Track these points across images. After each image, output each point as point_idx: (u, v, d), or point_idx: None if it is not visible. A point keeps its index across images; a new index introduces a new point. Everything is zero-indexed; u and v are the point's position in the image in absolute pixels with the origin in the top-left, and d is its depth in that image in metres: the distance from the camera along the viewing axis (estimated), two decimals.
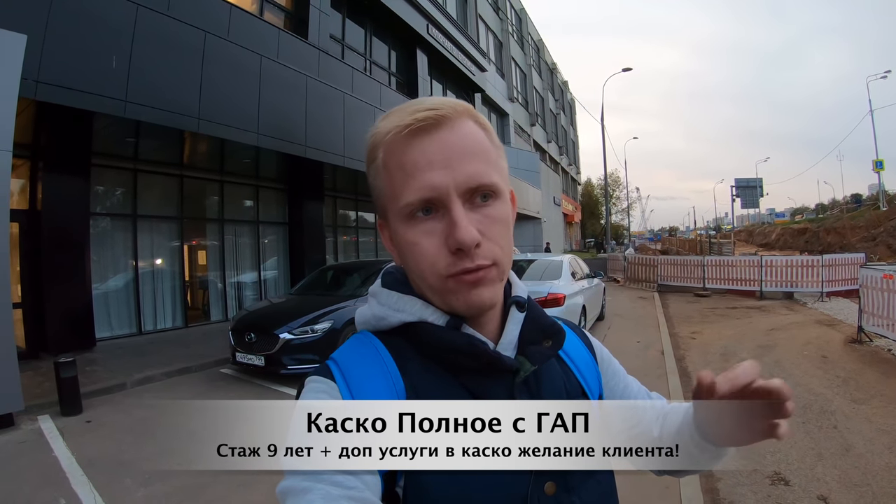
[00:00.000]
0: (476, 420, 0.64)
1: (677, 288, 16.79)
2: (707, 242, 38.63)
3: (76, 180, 8.13)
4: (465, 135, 0.70)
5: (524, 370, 0.73)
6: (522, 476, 0.67)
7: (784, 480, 3.73)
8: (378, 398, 0.67)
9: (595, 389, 0.87)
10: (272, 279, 13.01)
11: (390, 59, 16.98)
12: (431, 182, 0.67)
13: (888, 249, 23.94)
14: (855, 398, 5.57)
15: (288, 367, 6.57)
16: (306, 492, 0.57)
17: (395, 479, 0.65)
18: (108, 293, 9.10)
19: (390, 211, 0.73)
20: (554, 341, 0.78)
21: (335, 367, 0.72)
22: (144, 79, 7.38)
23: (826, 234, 35.37)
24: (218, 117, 8.53)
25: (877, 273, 8.18)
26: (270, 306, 7.96)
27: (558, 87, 45.47)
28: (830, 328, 9.68)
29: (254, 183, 12.41)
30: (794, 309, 12.62)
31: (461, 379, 0.71)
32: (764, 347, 8.21)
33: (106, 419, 5.37)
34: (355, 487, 0.59)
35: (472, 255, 0.67)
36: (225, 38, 8.84)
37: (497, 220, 0.71)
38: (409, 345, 0.74)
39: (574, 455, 0.67)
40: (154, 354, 7.81)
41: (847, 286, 13.31)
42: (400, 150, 0.70)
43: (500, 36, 28.25)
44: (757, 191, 45.77)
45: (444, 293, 0.71)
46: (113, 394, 6.21)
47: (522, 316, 0.79)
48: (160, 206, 10.23)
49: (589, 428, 0.69)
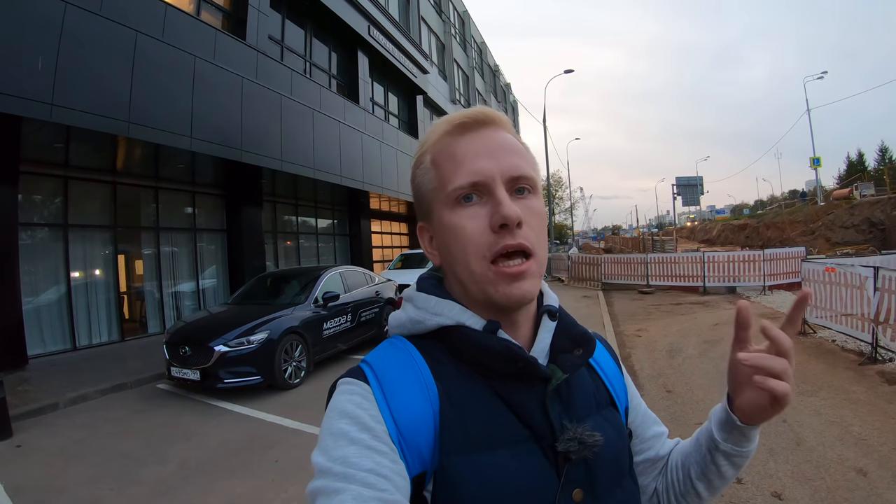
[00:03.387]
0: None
1: (621, 286, 17.13)
2: (650, 240, 39.67)
3: (2, 188, 7.77)
4: (507, 137, 0.77)
5: (556, 378, 0.74)
6: (551, 482, 0.69)
7: (737, 479, 3.65)
8: (412, 404, 0.68)
9: (623, 400, 0.90)
10: (211, 288, 12.77)
11: (330, 61, 16.81)
12: (480, 167, 0.72)
13: (826, 242, 24.86)
14: (802, 390, 5.66)
15: (224, 380, 6.44)
16: (338, 492, 0.58)
17: (424, 482, 0.67)
18: (40, 307, 8.81)
19: (437, 202, 0.77)
20: (585, 350, 0.80)
21: (369, 370, 0.72)
22: (72, 81, 7.17)
23: (766, 229, 36.25)
24: (149, 121, 8.34)
25: (819, 266, 8.51)
26: (206, 317, 7.78)
27: (501, 89, 45.67)
28: (774, 321, 9.87)
29: (190, 189, 12.13)
30: (738, 303, 12.98)
31: (494, 385, 0.72)
32: (709, 342, 8.33)
33: (37, 443, 5.20)
34: (386, 490, 0.59)
35: (514, 232, 0.70)
36: (159, 38, 8.62)
37: (535, 212, 0.74)
38: (443, 349, 0.76)
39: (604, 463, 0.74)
40: (89, 371, 7.61)
41: (788, 279, 13.79)
42: (450, 144, 0.76)
43: (442, 38, 28.18)
44: (697, 189, 47.48)
45: (484, 282, 0.72)
46: (45, 414, 6.02)
47: (554, 324, 0.80)
48: (93, 215, 9.94)
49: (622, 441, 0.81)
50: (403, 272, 13.75)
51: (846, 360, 6.78)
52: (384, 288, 10.19)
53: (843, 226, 26.68)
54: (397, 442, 0.65)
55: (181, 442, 5.15)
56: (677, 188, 46.99)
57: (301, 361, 7.26)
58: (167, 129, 8.68)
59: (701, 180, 48.38)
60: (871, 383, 5.79)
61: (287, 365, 6.99)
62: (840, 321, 7.66)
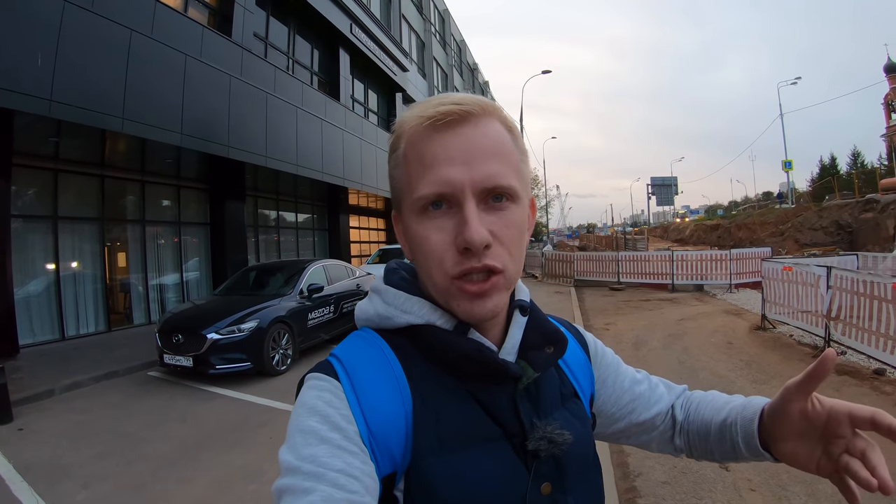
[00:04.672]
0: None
1: (593, 283, 17.40)
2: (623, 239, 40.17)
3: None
4: (489, 134, 0.69)
5: (527, 377, 0.73)
6: (521, 477, 0.69)
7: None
8: (384, 404, 0.67)
9: (587, 390, 0.89)
10: (194, 280, 12.92)
11: (313, 58, 16.97)
12: (448, 177, 0.66)
13: (796, 244, 25.31)
14: (756, 379, 6.00)
15: (216, 366, 6.78)
16: (307, 492, 0.56)
17: (394, 482, 0.66)
18: (30, 298, 8.94)
19: (405, 203, 0.73)
20: (556, 347, 0.78)
21: (339, 366, 0.70)
22: (70, 77, 7.31)
23: (737, 230, 36.53)
24: (143, 117, 8.51)
25: (777, 265, 8.88)
26: (196, 307, 8.03)
27: (479, 87, 45.72)
28: (737, 317, 10.43)
29: (175, 183, 12.28)
30: (704, 300, 13.41)
31: (467, 385, 0.71)
32: (673, 336, 8.69)
33: (38, 426, 5.42)
34: (356, 492, 0.58)
35: (479, 254, 0.66)
36: (149, 35, 8.76)
37: (510, 224, 0.69)
38: (413, 347, 0.73)
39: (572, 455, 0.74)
40: (79, 360, 7.79)
41: (754, 278, 14.05)
42: (421, 142, 0.69)
43: (422, 36, 28.42)
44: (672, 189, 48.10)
45: (447, 295, 0.70)
46: (42, 400, 6.22)
47: (525, 320, 0.78)
48: (81, 207, 10.06)
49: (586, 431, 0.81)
50: (382, 266, 13.99)
51: (801, 353, 7.15)
52: (364, 281, 10.55)
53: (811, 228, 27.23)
54: (368, 443, 0.64)
55: (178, 422, 5.47)
56: (652, 188, 47.51)
57: (288, 349, 7.60)
58: (159, 125, 8.86)
59: (675, 180, 49.07)
60: None
61: (275, 352, 7.34)
62: (797, 317, 8.04)
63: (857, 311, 6.47)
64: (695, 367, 6.75)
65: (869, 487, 0.64)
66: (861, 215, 24.69)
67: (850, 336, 6.59)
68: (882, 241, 21.72)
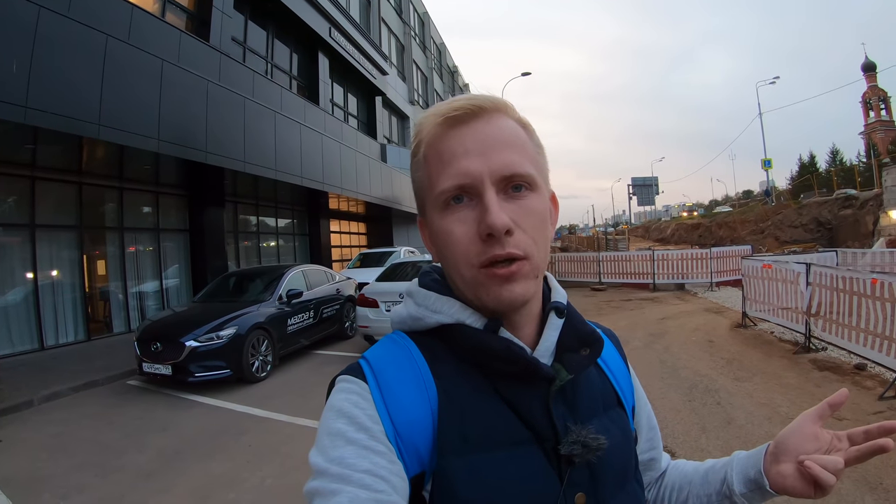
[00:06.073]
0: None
1: (575, 283, 17.44)
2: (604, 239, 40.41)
3: None
4: (503, 127, 0.71)
5: (560, 378, 0.72)
6: (552, 485, 0.67)
7: (670, 451, 3.92)
8: (410, 403, 0.67)
9: (629, 399, 0.87)
10: (174, 287, 12.84)
11: (291, 62, 16.97)
12: (466, 168, 0.68)
13: (776, 241, 25.79)
14: (738, 377, 6.11)
15: (195, 374, 6.78)
16: (335, 494, 0.57)
17: (423, 482, 0.66)
18: (8, 308, 8.87)
19: (428, 202, 0.74)
20: (592, 350, 0.77)
21: (367, 367, 0.71)
22: (46, 83, 7.23)
23: (718, 229, 37.36)
24: (120, 123, 8.41)
25: (757, 263, 9.00)
26: (174, 315, 8.00)
27: (459, 89, 45.83)
28: (718, 315, 10.57)
29: (154, 189, 12.19)
30: (685, 299, 13.62)
31: (496, 385, 0.70)
32: (655, 335, 8.79)
33: (17, 437, 5.41)
34: (383, 491, 0.58)
35: (502, 241, 0.66)
36: (126, 41, 8.68)
37: (531, 212, 0.70)
38: (443, 347, 0.73)
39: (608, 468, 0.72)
40: (58, 370, 7.75)
41: (734, 276, 14.17)
42: (438, 140, 0.71)
43: (402, 39, 28.41)
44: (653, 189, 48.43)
45: (475, 286, 0.70)
46: (21, 412, 6.19)
47: (561, 322, 0.77)
48: (59, 215, 9.98)
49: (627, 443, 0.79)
50: (362, 271, 13.94)
51: (782, 350, 7.31)
52: (345, 286, 10.57)
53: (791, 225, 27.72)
54: (394, 442, 0.64)
55: (157, 432, 5.50)
56: (633, 188, 47.78)
57: (267, 356, 7.64)
58: (135, 131, 8.76)
59: (656, 180, 49.35)
60: (802, 370, 6.26)
61: (254, 359, 7.39)
62: (777, 314, 8.19)
63: (836, 307, 6.56)
64: (676, 366, 6.87)
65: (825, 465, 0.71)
66: (840, 212, 25.17)
67: (830, 332, 6.69)
68: (861, 237, 22.15)
